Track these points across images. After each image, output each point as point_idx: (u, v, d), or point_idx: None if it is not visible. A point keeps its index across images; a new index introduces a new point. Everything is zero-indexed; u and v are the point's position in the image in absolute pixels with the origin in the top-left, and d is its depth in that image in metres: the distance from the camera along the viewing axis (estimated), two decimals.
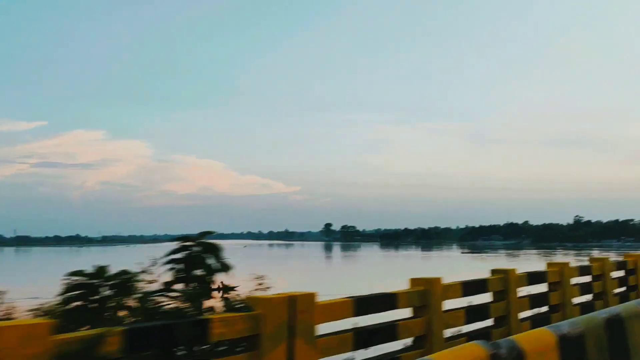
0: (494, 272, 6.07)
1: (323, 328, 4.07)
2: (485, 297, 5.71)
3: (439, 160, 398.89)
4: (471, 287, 5.46)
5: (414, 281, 5.02)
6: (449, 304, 5.29)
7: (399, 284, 5.10)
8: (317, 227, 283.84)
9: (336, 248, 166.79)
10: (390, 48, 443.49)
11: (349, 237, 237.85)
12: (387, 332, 4.58)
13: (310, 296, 3.86)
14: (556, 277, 7.17)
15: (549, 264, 7.38)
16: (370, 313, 4.45)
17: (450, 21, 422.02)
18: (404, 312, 4.85)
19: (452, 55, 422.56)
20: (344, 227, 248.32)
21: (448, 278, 5.38)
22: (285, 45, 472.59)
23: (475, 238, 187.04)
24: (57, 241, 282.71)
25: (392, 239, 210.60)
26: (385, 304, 4.63)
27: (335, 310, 4.18)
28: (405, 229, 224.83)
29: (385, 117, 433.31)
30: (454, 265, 59.50)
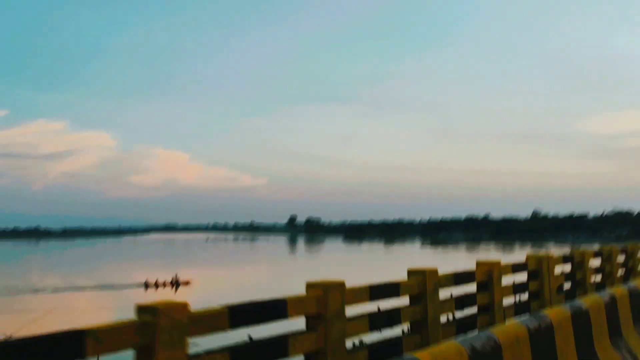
0: (410, 273, 5.51)
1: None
2: (397, 302, 5.15)
3: (404, 153, 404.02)
4: (378, 291, 4.87)
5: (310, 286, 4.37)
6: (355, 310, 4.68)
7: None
8: (283, 220, 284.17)
9: (299, 242, 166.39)
10: (357, 42, 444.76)
11: (313, 230, 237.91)
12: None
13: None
14: (484, 277, 6.70)
15: (478, 263, 6.90)
16: (249, 324, 3.76)
17: (418, 17, 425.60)
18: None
19: (419, 51, 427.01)
20: (308, 220, 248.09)
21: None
22: (254, 37, 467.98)
23: (437, 232, 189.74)
24: (15, 235, 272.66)
25: (356, 232, 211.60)
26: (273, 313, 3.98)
27: (208, 321, 3.52)
28: (369, 223, 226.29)
29: (352, 110, 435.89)
30: (398, 262, 61.11)
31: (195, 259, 79.81)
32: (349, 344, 4.57)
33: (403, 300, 5.41)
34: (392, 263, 63.07)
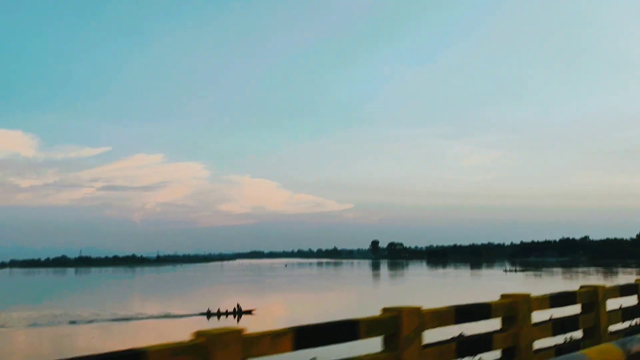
0: (502, 296, 4.98)
1: None
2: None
3: (491, 174, 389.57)
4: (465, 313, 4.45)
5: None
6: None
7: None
8: (366, 245, 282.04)
9: (382, 266, 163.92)
10: (440, 62, 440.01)
11: (396, 255, 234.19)
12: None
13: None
14: (586, 299, 6.00)
15: (581, 287, 6.25)
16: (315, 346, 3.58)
17: (505, 32, 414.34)
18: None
19: (505, 69, 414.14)
20: (391, 244, 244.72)
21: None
22: (346, 65, 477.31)
23: (527, 255, 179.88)
24: (114, 262, 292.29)
25: (439, 256, 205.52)
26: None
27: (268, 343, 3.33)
28: (455, 245, 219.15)
29: (437, 132, 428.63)
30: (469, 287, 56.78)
31: (269, 286, 78.01)
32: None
33: (493, 324, 5.04)
34: (478, 287, 59.68)
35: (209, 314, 34.45)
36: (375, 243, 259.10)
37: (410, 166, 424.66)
